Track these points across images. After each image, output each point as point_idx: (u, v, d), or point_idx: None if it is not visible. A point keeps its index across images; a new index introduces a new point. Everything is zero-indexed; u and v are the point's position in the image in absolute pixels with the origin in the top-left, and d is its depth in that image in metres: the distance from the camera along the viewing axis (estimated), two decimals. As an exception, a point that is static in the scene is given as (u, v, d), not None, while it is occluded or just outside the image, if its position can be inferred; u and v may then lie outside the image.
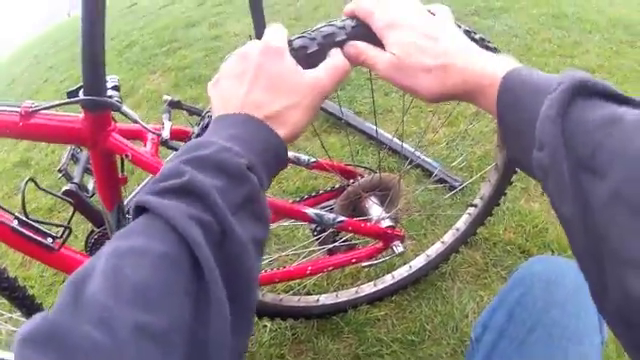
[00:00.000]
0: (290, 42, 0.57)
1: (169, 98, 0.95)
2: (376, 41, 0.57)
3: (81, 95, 0.82)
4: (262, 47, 0.53)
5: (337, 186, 1.25)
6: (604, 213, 0.37)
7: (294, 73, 0.53)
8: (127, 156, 0.88)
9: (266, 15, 1.71)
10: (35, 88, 3.50)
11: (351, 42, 0.58)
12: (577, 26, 3.00)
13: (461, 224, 1.44)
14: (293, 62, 0.54)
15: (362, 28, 0.58)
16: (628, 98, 0.41)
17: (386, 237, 1.20)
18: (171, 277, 0.36)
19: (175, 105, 0.96)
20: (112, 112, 0.90)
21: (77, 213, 1.09)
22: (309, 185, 1.93)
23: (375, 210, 1.20)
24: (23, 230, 0.95)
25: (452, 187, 1.80)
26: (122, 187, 1.02)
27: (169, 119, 0.92)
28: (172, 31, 3.54)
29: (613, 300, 0.38)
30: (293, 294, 1.44)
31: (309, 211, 1.02)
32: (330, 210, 1.16)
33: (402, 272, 1.48)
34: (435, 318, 1.45)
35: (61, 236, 1.00)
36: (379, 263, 1.33)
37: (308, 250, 1.35)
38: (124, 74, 3.04)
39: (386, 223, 1.18)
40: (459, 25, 0.59)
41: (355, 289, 1.46)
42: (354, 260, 1.27)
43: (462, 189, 1.79)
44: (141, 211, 0.41)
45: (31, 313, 1.22)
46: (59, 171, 1.02)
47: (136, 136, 0.97)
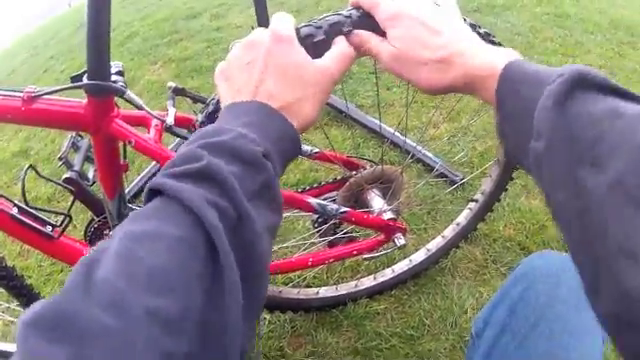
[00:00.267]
0: (297, 30, 0.56)
1: (173, 85, 0.95)
2: (381, 31, 0.57)
3: (85, 80, 0.81)
4: (271, 35, 0.52)
5: (339, 178, 1.25)
6: (602, 205, 0.37)
7: (304, 62, 0.52)
8: (130, 142, 0.87)
9: (269, 7, 1.71)
10: (35, 78, 3.48)
11: (356, 31, 0.58)
12: (579, 26, 3.00)
13: (462, 219, 1.44)
14: (302, 51, 0.53)
15: (367, 18, 0.59)
16: (628, 92, 0.41)
17: (388, 229, 1.20)
18: (186, 261, 0.35)
19: (179, 92, 0.95)
20: (115, 99, 0.89)
21: (77, 202, 1.09)
22: (310, 177, 1.92)
23: (377, 202, 1.19)
24: (22, 218, 0.94)
25: (453, 182, 1.80)
26: (124, 175, 1.02)
27: (173, 106, 0.92)
28: (173, 22, 3.52)
29: (607, 295, 0.37)
30: (293, 286, 1.44)
31: (312, 201, 1.02)
32: (332, 202, 1.16)
33: (402, 266, 1.48)
34: (434, 313, 1.45)
35: (61, 224, 1.00)
36: (380, 255, 1.33)
37: (308, 242, 1.34)
38: (125, 65, 2.99)
39: (388, 215, 1.18)
40: (464, 18, 0.59)
41: (355, 282, 1.46)
42: (355, 252, 1.27)
43: (463, 184, 1.80)
44: (155, 194, 0.40)
45: (29, 303, 1.21)
46: (59, 159, 1.01)
47: (139, 123, 0.96)
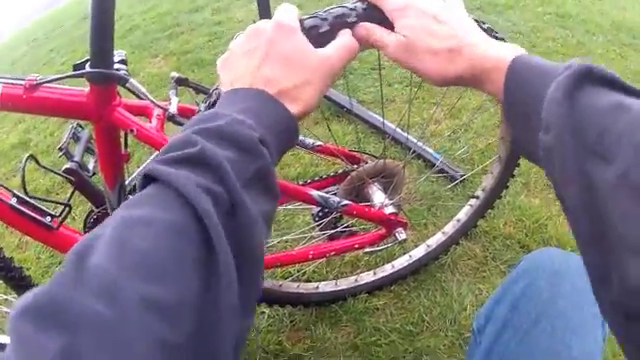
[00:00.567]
0: (301, 22, 0.57)
1: (176, 75, 0.94)
2: (386, 23, 0.58)
3: (87, 68, 0.81)
4: (274, 24, 0.53)
5: (341, 171, 1.25)
6: (610, 198, 0.37)
7: (305, 51, 0.53)
8: (132, 131, 0.87)
9: (271, 2, 1.71)
10: (35, 70, 3.47)
11: (361, 23, 0.59)
12: (581, 27, 3.00)
13: (462, 215, 1.44)
14: (304, 40, 0.53)
15: (372, 10, 0.59)
16: (633, 88, 0.42)
17: (389, 224, 1.20)
18: (180, 248, 0.35)
19: (182, 82, 0.95)
20: (117, 89, 0.89)
21: (76, 194, 1.08)
22: (310, 171, 1.92)
23: (378, 196, 1.19)
24: (21, 208, 0.94)
25: (453, 178, 1.80)
26: (125, 165, 1.01)
27: (176, 95, 0.91)
28: (175, 16, 3.51)
29: (613, 289, 0.38)
30: (292, 280, 1.43)
31: (314, 193, 1.01)
32: (333, 195, 1.16)
33: (402, 261, 1.47)
34: (434, 309, 1.45)
35: (60, 214, 0.99)
36: (381, 250, 1.33)
37: (308, 236, 1.34)
38: (125, 57, 3.01)
39: (389, 210, 1.17)
40: (468, 14, 0.59)
41: (355, 277, 1.45)
42: (357, 246, 1.27)
43: (463, 181, 1.80)
44: (149, 181, 0.40)
45: (27, 295, 1.21)
46: (60, 149, 1.00)
47: (141, 112, 0.96)
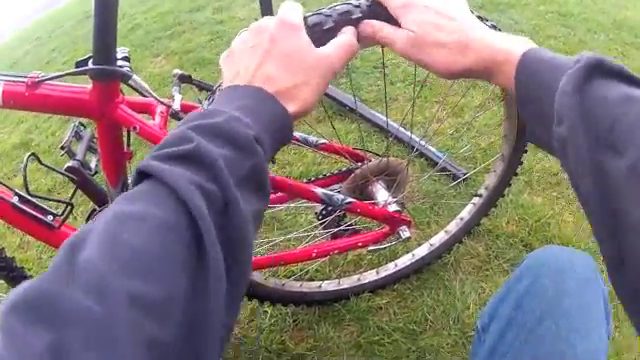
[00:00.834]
0: (305, 19, 0.57)
1: (179, 72, 0.94)
2: (390, 20, 0.58)
3: (90, 65, 0.81)
4: (277, 22, 0.53)
5: (344, 169, 1.24)
6: (623, 187, 0.38)
7: (307, 50, 0.53)
8: (135, 129, 0.86)
9: (272, 0, 1.70)
10: (37, 69, 3.44)
11: (367, 21, 0.59)
12: (583, 25, 3.00)
13: (465, 214, 1.44)
14: (307, 39, 0.53)
15: (377, 7, 0.59)
16: None
17: (393, 221, 1.19)
18: (170, 245, 0.35)
19: (185, 79, 0.94)
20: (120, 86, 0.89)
21: (78, 194, 1.07)
22: (313, 170, 1.91)
23: (382, 194, 1.19)
24: (23, 207, 0.93)
25: (456, 177, 1.80)
26: (127, 163, 1.01)
27: (179, 92, 0.91)
28: (176, 15, 3.51)
29: (630, 274, 0.39)
30: (295, 279, 1.43)
31: (318, 191, 1.01)
32: (337, 193, 1.15)
33: (405, 260, 1.47)
34: (437, 308, 1.44)
35: (62, 213, 0.98)
36: (385, 248, 1.32)
37: (311, 235, 1.34)
38: (127, 57, 3.01)
39: (393, 207, 1.17)
40: (472, 11, 0.60)
41: (358, 276, 1.45)
42: (360, 244, 1.27)
43: (466, 180, 1.79)
44: (144, 177, 0.40)
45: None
46: (62, 148, 1.00)
47: (144, 110, 0.95)
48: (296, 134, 1.13)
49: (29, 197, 0.94)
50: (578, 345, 0.71)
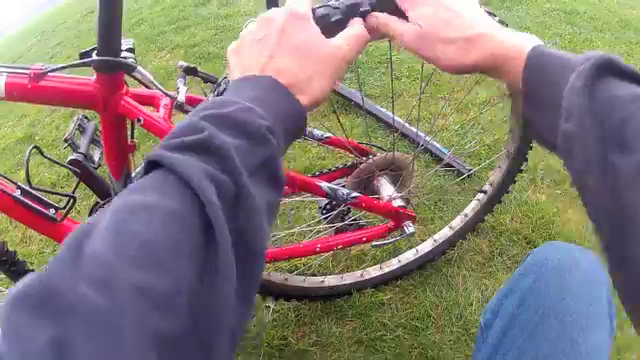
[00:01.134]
0: (313, 10, 0.56)
1: (184, 64, 0.93)
2: (398, 13, 0.57)
3: (94, 56, 0.80)
4: (286, 13, 0.52)
5: (349, 163, 1.24)
6: (630, 186, 0.38)
7: (317, 41, 0.52)
8: (139, 120, 0.86)
9: (278, -6, 1.70)
10: (42, 62, 3.47)
11: (375, 13, 0.58)
12: (589, 24, 2.98)
13: (470, 210, 1.43)
14: (317, 30, 0.52)
15: (385, 0, 0.58)
16: None
17: (398, 216, 1.19)
18: (180, 236, 0.34)
19: (190, 71, 0.94)
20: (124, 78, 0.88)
21: (81, 188, 1.07)
22: (317, 165, 1.91)
23: (386, 189, 1.18)
24: (25, 200, 0.93)
25: (461, 173, 1.79)
26: (131, 155, 1.00)
27: (184, 84, 0.90)
28: (181, 9, 3.50)
29: (631, 274, 0.39)
30: (298, 274, 1.43)
31: (323, 185, 1.01)
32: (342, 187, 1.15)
33: (408, 256, 1.47)
34: (440, 305, 1.44)
35: (65, 207, 0.98)
36: (389, 243, 1.32)
37: (315, 229, 1.33)
38: (132, 51, 3.00)
39: (398, 202, 1.17)
40: (480, 6, 0.59)
41: (361, 272, 1.45)
42: (365, 239, 1.26)
43: (470, 176, 1.79)
44: (153, 166, 0.39)
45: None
46: (65, 140, 0.99)
47: (148, 102, 0.94)
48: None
49: (31, 190, 0.94)
50: (581, 343, 0.70)
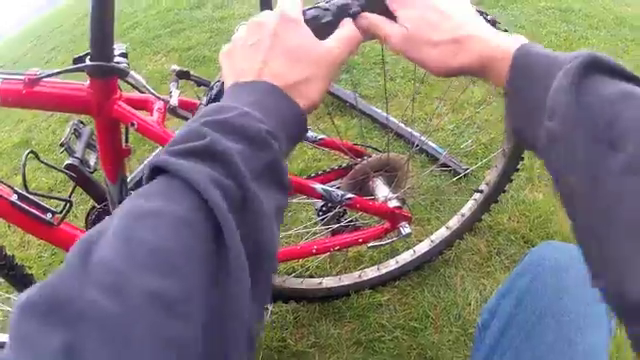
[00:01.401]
0: (303, 12, 0.55)
1: (177, 68, 0.93)
2: (389, 14, 0.57)
3: (87, 62, 0.80)
4: (278, 16, 0.51)
5: (344, 165, 1.24)
6: (617, 185, 0.37)
7: (310, 43, 0.52)
8: (133, 125, 0.86)
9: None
10: (38, 68, 3.47)
11: (365, 14, 0.58)
12: (584, 22, 2.98)
13: (466, 210, 1.43)
14: (309, 32, 0.52)
15: (375, 1, 0.58)
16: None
17: (394, 217, 1.19)
18: (190, 241, 0.33)
19: (183, 75, 0.94)
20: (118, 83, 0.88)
21: (78, 192, 1.07)
22: (313, 166, 1.91)
23: (381, 190, 1.18)
24: (22, 204, 0.93)
25: (457, 173, 1.79)
26: (126, 159, 1.00)
27: (177, 88, 0.90)
28: (176, 12, 3.50)
29: (612, 277, 0.38)
30: (296, 276, 1.43)
31: (317, 187, 1.01)
32: (337, 189, 1.15)
33: (406, 257, 1.47)
34: (438, 305, 1.44)
35: (61, 211, 0.98)
36: (386, 244, 1.32)
37: (311, 231, 1.33)
38: (127, 54, 3.00)
39: (393, 203, 1.17)
40: (471, 5, 0.59)
41: (358, 273, 1.45)
42: (361, 240, 1.26)
43: (467, 176, 1.79)
44: (157, 172, 0.38)
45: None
46: (61, 145, 1.00)
47: (142, 106, 0.95)
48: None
49: (28, 195, 0.94)
50: (579, 343, 0.70)
